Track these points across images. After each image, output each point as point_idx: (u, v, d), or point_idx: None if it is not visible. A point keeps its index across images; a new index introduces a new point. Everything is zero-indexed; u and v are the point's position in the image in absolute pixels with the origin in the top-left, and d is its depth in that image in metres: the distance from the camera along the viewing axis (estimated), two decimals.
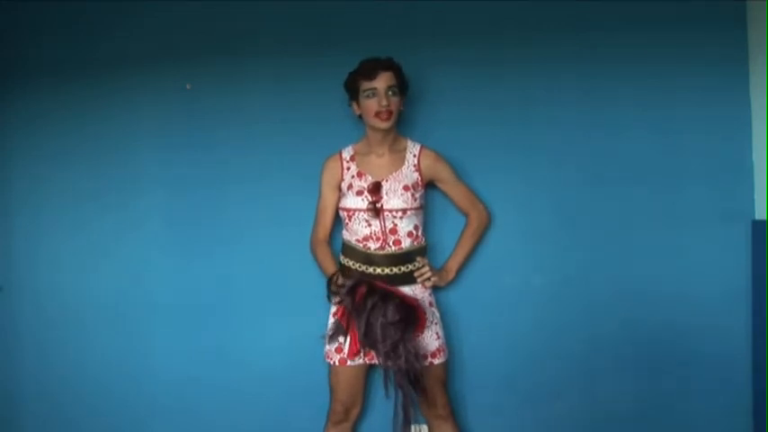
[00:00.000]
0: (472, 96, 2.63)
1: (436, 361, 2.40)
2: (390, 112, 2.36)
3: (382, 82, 2.35)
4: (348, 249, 2.43)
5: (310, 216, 2.52)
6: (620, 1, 2.58)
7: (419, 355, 2.29)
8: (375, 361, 2.34)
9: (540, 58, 2.61)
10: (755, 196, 2.54)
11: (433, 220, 2.58)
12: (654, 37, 2.57)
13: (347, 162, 2.46)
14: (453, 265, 2.52)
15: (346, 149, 2.49)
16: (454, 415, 2.48)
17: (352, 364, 2.38)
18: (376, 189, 2.38)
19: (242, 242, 2.65)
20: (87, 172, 2.75)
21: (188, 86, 2.70)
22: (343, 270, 2.41)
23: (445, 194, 2.53)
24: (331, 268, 2.42)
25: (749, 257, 2.53)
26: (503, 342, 2.63)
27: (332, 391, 2.42)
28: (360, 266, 2.38)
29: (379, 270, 2.37)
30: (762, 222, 2.49)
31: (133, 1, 2.71)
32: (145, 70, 2.71)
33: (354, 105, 2.43)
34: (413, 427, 2.48)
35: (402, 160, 2.44)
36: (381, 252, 2.38)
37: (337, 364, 2.38)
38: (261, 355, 2.46)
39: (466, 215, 2.54)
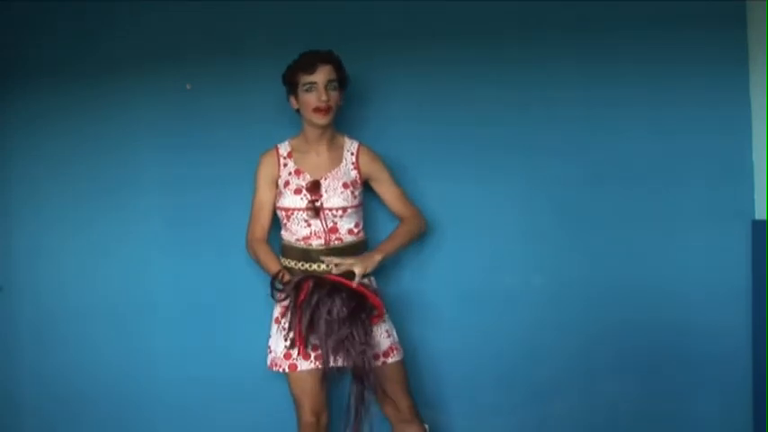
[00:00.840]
0: (473, 96, 2.63)
1: (389, 360, 2.31)
2: (330, 108, 2.29)
3: (322, 75, 2.28)
4: (287, 249, 2.37)
5: None
6: (619, 1, 2.58)
7: (368, 351, 2.15)
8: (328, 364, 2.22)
9: (540, 58, 2.61)
10: (755, 196, 2.54)
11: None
12: (654, 37, 2.57)
13: (284, 159, 2.39)
14: (381, 249, 2.32)
15: (282, 145, 2.43)
16: (420, 417, 2.39)
17: (310, 368, 2.27)
18: (315, 187, 2.32)
19: (242, 242, 2.64)
20: (87, 172, 2.74)
21: (188, 86, 2.70)
22: (288, 270, 2.33)
23: (380, 196, 2.47)
24: (276, 266, 2.32)
25: (749, 257, 2.53)
26: (503, 342, 2.63)
27: (298, 401, 2.31)
28: (302, 265, 2.32)
29: (323, 267, 2.29)
30: (762, 222, 2.49)
31: (133, 1, 2.71)
32: (144, 70, 2.71)
33: (292, 99, 2.37)
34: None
35: (340, 158, 2.38)
36: (324, 248, 2.31)
37: (287, 370, 2.31)
38: (261, 355, 2.45)
39: (400, 218, 2.45)
